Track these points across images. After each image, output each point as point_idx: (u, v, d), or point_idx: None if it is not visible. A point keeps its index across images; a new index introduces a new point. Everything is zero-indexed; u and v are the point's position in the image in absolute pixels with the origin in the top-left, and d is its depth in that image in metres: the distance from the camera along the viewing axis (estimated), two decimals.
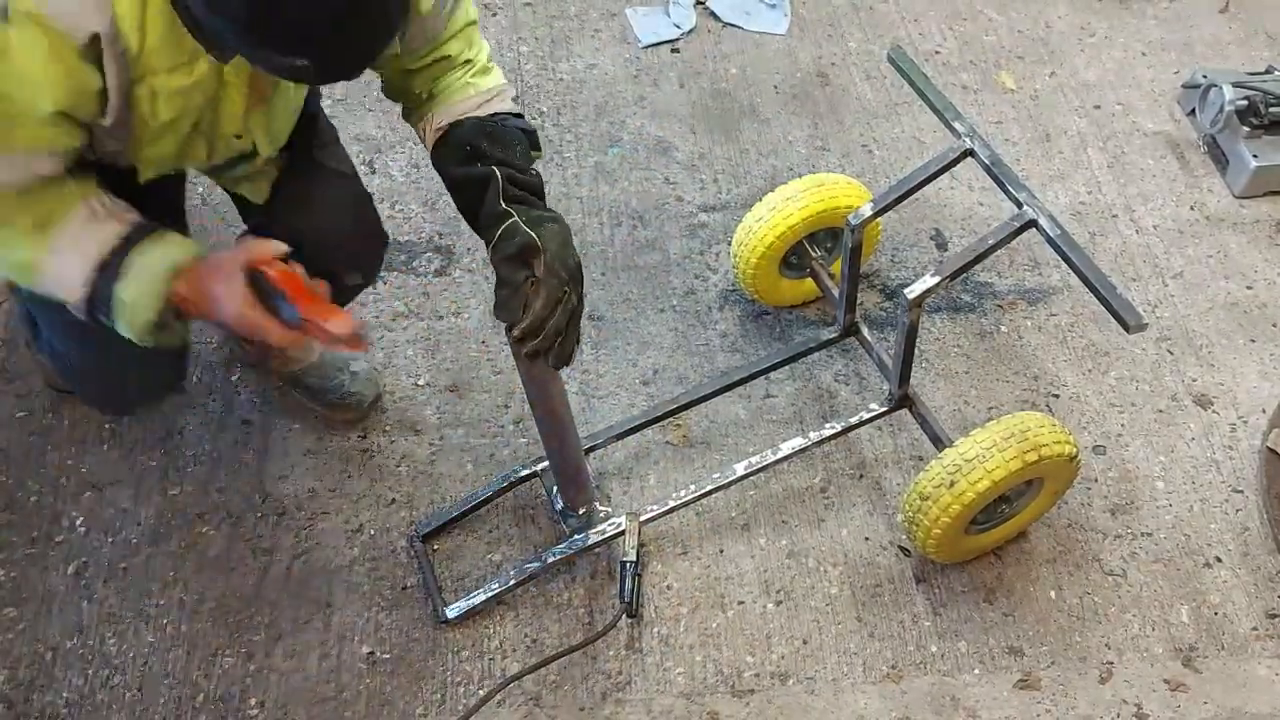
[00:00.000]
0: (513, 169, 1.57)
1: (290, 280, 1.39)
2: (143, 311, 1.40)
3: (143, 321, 1.41)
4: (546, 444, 1.81)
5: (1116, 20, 2.97)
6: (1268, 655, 1.91)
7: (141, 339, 1.43)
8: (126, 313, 1.40)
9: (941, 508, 1.78)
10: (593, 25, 2.90)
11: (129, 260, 1.40)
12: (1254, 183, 2.54)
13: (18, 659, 1.86)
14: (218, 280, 1.40)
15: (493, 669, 1.87)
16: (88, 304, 1.41)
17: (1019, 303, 2.38)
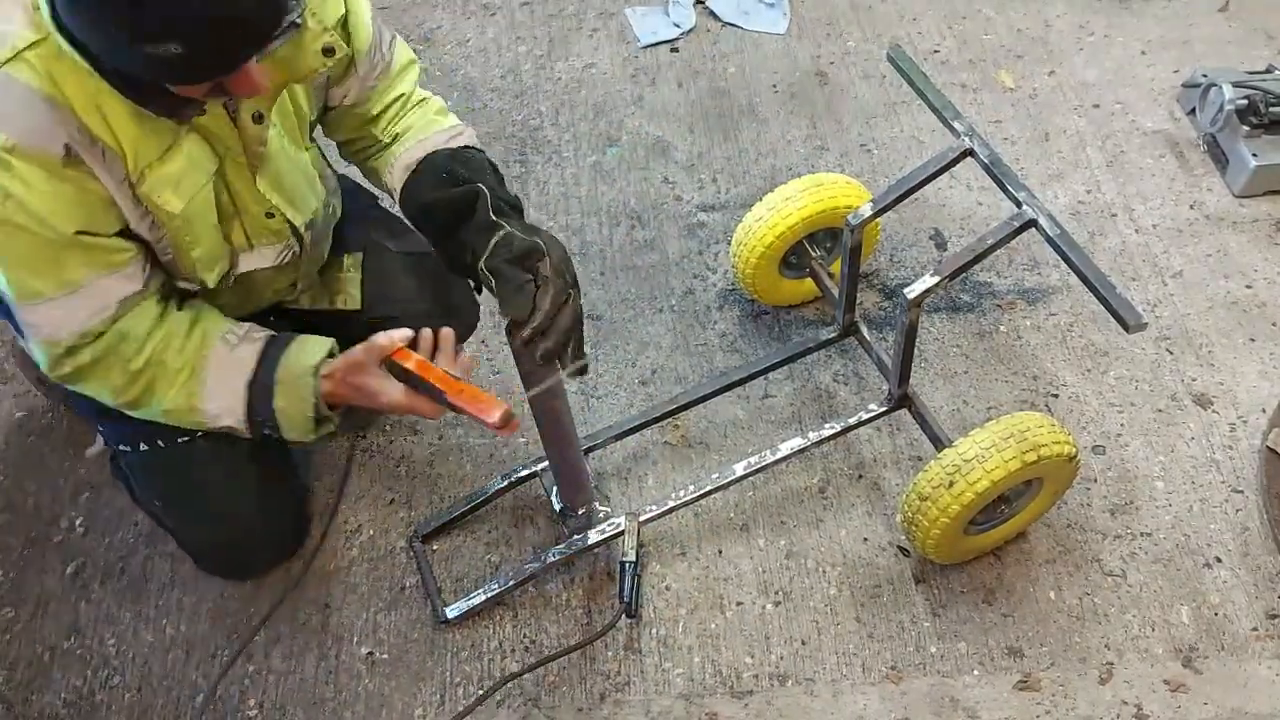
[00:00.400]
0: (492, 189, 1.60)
1: (427, 369, 1.48)
2: (299, 415, 1.52)
3: (302, 423, 1.53)
4: (546, 444, 1.81)
5: (1116, 19, 2.97)
6: (1268, 655, 1.91)
7: (304, 437, 1.55)
8: (285, 420, 1.53)
9: (941, 508, 1.78)
10: (591, 25, 2.90)
11: (275, 375, 1.50)
12: (1254, 182, 2.53)
13: (16, 660, 1.86)
14: (363, 376, 1.49)
15: (492, 669, 1.86)
16: (249, 424, 1.52)
17: (1018, 302, 2.37)
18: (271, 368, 1.51)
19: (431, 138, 1.67)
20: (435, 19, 2.87)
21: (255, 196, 1.50)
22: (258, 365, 1.51)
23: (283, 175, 1.53)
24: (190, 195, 1.41)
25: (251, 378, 1.51)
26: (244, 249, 1.56)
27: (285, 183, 1.54)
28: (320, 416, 1.53)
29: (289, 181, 1.55)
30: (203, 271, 1.51)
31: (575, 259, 2.41)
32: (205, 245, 1.49)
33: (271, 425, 1.53)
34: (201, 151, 1.41)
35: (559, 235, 2.43)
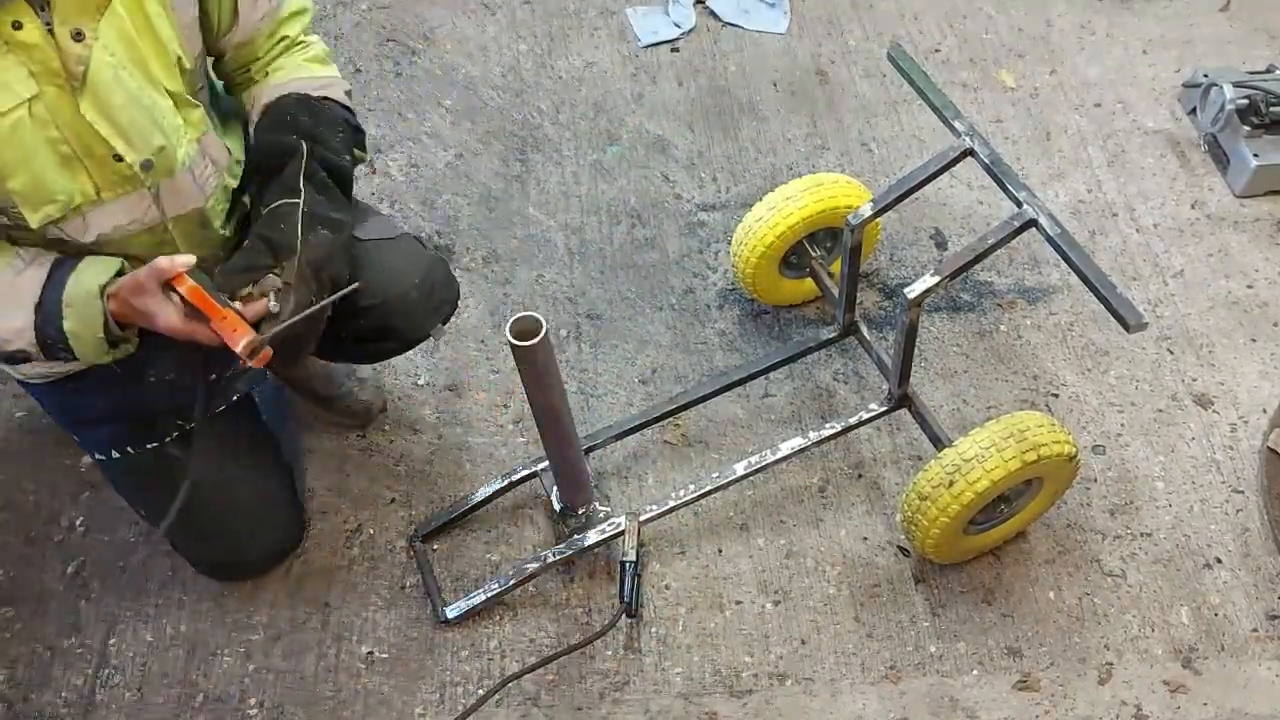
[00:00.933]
0: (326, 149, 1.59)
1: (197, 295, 1.46)
2: (91, 337, 1.47)
3: (94, 344, 1.48)
4: (546, 444, 1.80)
5: (1117, 18, 2.97)
6: (1268, 656, 1.91)
7: (100, 358, 1.50)
8: (78, 343, 1.47)
9: (940, 508, 1.78)
10: (591, 23, 2.90)
11: (64, 295, 1.45)
12: (1254, 182, 2.53)
13: (16, 658, 1.86)
14: (144, 297, 1.45)
15: (491, 669, 1.86)
16: (41, 347, 1.48)
17: (1018, 302, 2.37)
18: (59, 290, 1.46)
19: (294, 81, 1.65)
20: (436, 17, 2.86)
21: (86, 128, 1.41)
22: (44, 288, 1.46)
23: (116, 107, 1.42)
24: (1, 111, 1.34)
25: (38, 300, 1.45)
26: (91, 200, 1.48)
27: (118, 114, 1.43)
28: (114, 338, 1.49)
29: (126, 115, 1.43)
30: (24, 207, 1.43)
31: (575, 257, 2.41)
32: (24, 178, 1.40)
33: (64, 348, 1.48)
34: (15, 74, 1.33)
35: (559, 235, 2.44)
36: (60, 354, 1.49)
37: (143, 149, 1.47)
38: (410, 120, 2.64)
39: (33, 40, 1.33)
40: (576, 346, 2.28)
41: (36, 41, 1.33)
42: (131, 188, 1.50)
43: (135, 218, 1.53)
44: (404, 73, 2.72)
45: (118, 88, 1.42)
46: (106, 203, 1.49)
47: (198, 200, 1.59)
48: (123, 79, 1.42)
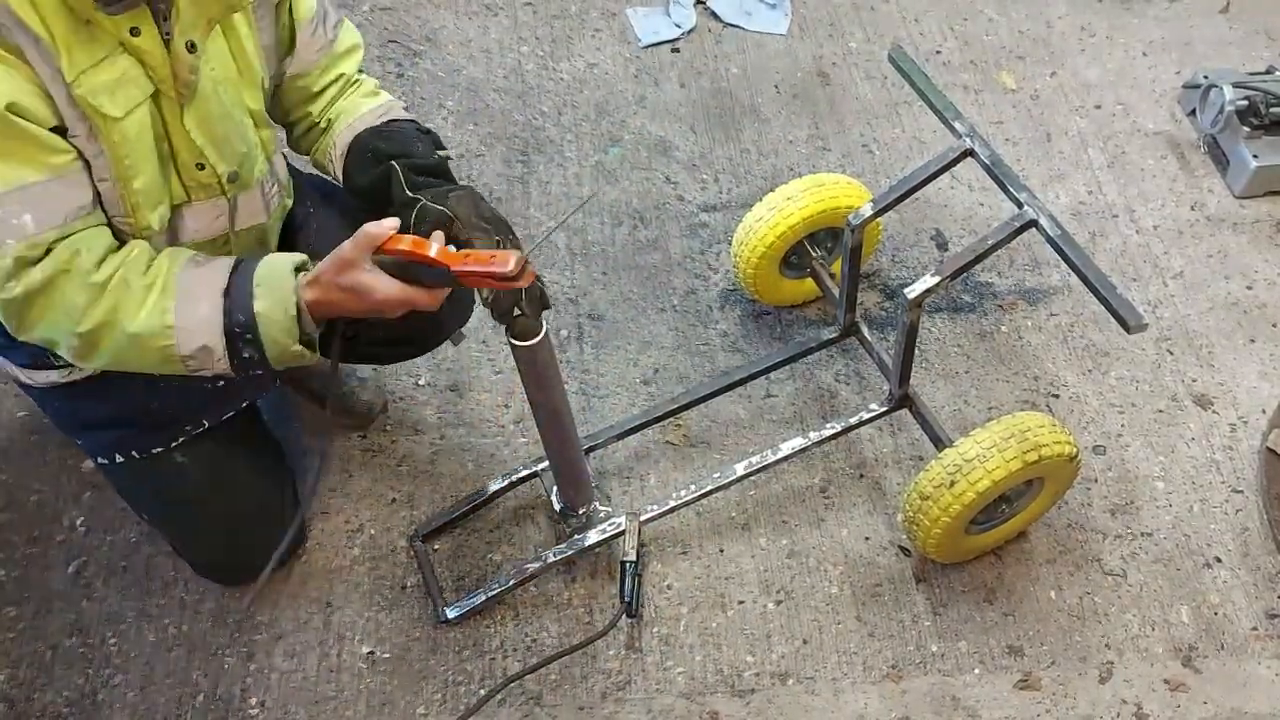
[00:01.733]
0: (412, 159, 1.59)
1: (423, 246, 1.40)
2: (282, 317, 1.41)
3: (285, 326, 1.41)
4: (546, 444, 1.81)
5: (1117, 20, 2.97)
6: (1268, 655, 1.91)
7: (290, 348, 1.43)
8: (268, 326, 1.41)
9: (942, 508, 1.78)
10: (593, 25, 2.90)
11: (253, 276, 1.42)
12: (1254, 183, 2.54)
13: (19, 658, 1.87)
14: (354, 273, 1.40)
15: (493, 669, 1.87)
16: (228, 339, 1.41)
17: (1019, 303, 2.38)
18: (248, 272, 1.42)
19: (357, 120, 1.67)
20: (438, 19, 2.87)
21: (182, 134, 1.44)
22: (232, 273, 1.42)
23: (213, 119, 1.46)
24: (128, 107, 1.36)
25: (226, 285, 1.41)
26: (181, 200, 1.50)
27: (215, 127, 1.47)
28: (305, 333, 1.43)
29: (219, 128, 1.48)
30: (145, 210, 1.44)
31: (577, 258, 2.42)
32: (146, 176, 1.41)
33: (252, 338, 1.41)
34: (137, 71, 1.36)
35: (560, 235, 2.44)
36: (245, 350, 1.42)
37: (230, 161, 1.52)
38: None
39: (149, 47, 1.36)
40: (578, 347, 2.28)
41: (151, 49, 1.36)
42: (207, 195, 1.53)
43: (207, 225, 1.56)
44: (406, 74, 2.73)
45: (215, 101, 1.47)
46: (192, 203, 1.52)
47: (262, 216, 1.63)
48: (220, 93, 1.47)
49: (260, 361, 1.44)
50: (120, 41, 1.34)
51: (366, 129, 1.66)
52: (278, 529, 1.89)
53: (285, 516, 1.91)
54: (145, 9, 1.34)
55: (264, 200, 1.63)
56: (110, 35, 1.33)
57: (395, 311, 1.44)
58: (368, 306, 1.42)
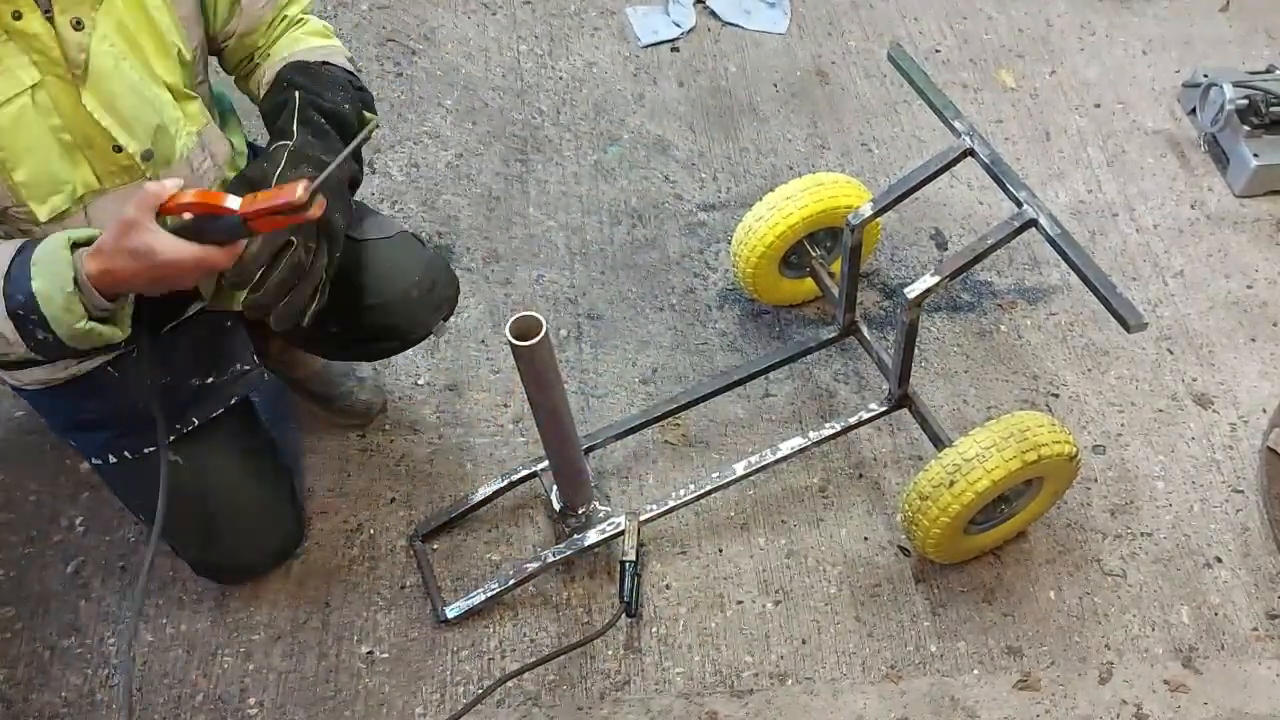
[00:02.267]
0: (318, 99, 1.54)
1: (210, 196, 1.31)
2: (59, 293, 1.32)
3: (63, 302, 1.32)
4: (545, 443, 1.81)
5: (1117, 18, 2.97)
6: (1268, 655, 1.91)
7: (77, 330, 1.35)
8: (48, 304, 1.32)
9: (941, 507, 1.78)
10: (592, 24, 2.90)
11: (33, 256, 1.34)
12: (1254, 181, 2.53)
13: (16, 658, 1.86)
14: (140, 235, 1.30)
15: (492, 668, 1.86)
16: (14, 321, 1.35)
17: (1019, 302, 2.37)
18: (28, 251, 1.34)
19: (295, 53, 1.63)
20: (437, 17, 2.87)
21: (87, 118, 1.40)
22: (14, 256, 1.34)
23: (116, 96, 1.41)
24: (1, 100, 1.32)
25: (8, 267, 1.33)
26: (94, 189, 1.46)
27: (119, 104, 1.42)
28: (94, 308, 1.34)
29: (125, 104, 1.42)
30: (31, 200, 1.39)
31: (576, 257, 2.41)
32: (30, 168, 1.38)
33: (37, 319, 1.32)
34: (18, 60, 1.32)
35: (560, 235, 2.44)
36: (36, 330, 1.35)
37: (143, 139, 1.47)
38: (410, 120, 2.64)
39: (33, 29, 1.32)
40: (577, 346, 2.28)
41: (37, 31, 1.33)
42: (130, 178, 1.48)
43: None
44: (404, 73, 2.72)
45: (118, 78, 1.42)
46: (109, 192, 1.47)
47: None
48: (123, 69, 1.42)
49: (56, 343, 1.35)
50: (4, 29, 1.30)
51: (294, 62, 1.62)
52: (274, 527, 1.89)
53: (281, 514, 1.91)
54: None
55: (195, 175, 1.56)
56: None
57: (189, 276, 1.34)
58: (158, 272, 1.31)
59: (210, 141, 1.60)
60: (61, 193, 1.43)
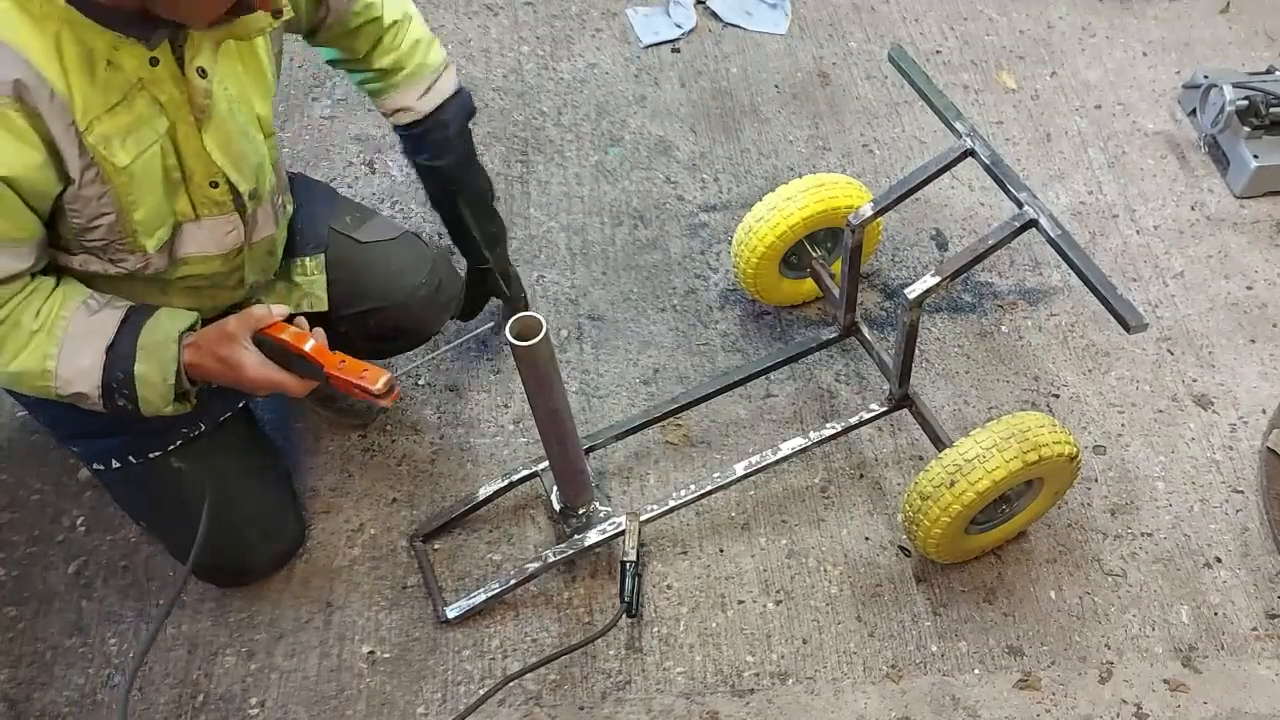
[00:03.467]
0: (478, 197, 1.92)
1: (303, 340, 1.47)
2: (159, 382, 1.45)
3: (162, 391, 1.46)
4: (546, 444, 1.81)
5: (1117, 20, 2.97)
6: (1268, 655, 1.91)
7: (161, 409, 1.48)
8: (144, 388, 1.45)
9: (942, 507, 1.78)
10: (593, 25, 2.90)
11: (138, 339, 1.45)
12: (1254, 183, 2.54)
13: (18, 658, 1.87)
14: (232, 347, 1.46)
15: (493, 668, 1.87)
16: (104, 390, 1.45)
17: (1019, 303, 2.38)
18: (134, 332, 1.45)
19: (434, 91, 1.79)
20: (438, 18, 2.87)
21: (201, 157, 1.46)
22: (119, 329, 1.45)
23: (230, 139, 1.49)
24: (138, 151, 1.39)
25: (112, 342, 1.44)
26: (188, 218, 1.51)
27: (233, 146, 1.50)
28: (181, 390, 1.48)
29: (236, 146, 1.50)
30: (143, 236, 1.46)
31: (577, 258, 2.42)
32: (148, 207, 1.44)
33: (128, 393, 1.45)
34: (151, 110, 1.39)
35: (561, 236, 2.45)
36: (119, 400, 1.46)
37: (250, 179, 1.54)
38: None
39: (166, 76, 1.38)
40: (578, 347, 2.28)
41: (170, 77, 1.38)
42: (220, 211, 1.54)
43: (218, 241, 1.56)
44: None
45: (231, 121, 1.48)
46: (202, 220, 1.53)
47: (271, 228, 1.65)
48: (235, 113, 1.49)
49: (132, 412, 1.48)
50: (139, 78, 1.36)
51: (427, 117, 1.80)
52: (276, 530, 1.90)
53: (283, 517, 1.91)
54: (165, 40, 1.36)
55: (274, 211, 1.64)
56: (126, 75, 1.35)
57: (262, 391, 1.50)
58: (236, 380, 1.47)
59: (280, 174, 1.67)
60: (166, 225, 1.49)
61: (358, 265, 1.80)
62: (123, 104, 1.35)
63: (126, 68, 1.34)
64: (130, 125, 1.37)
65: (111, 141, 1.35)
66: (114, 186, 1.39)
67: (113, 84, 1.34)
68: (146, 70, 1.36)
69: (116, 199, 1.41)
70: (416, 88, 1.79)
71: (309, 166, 2.51)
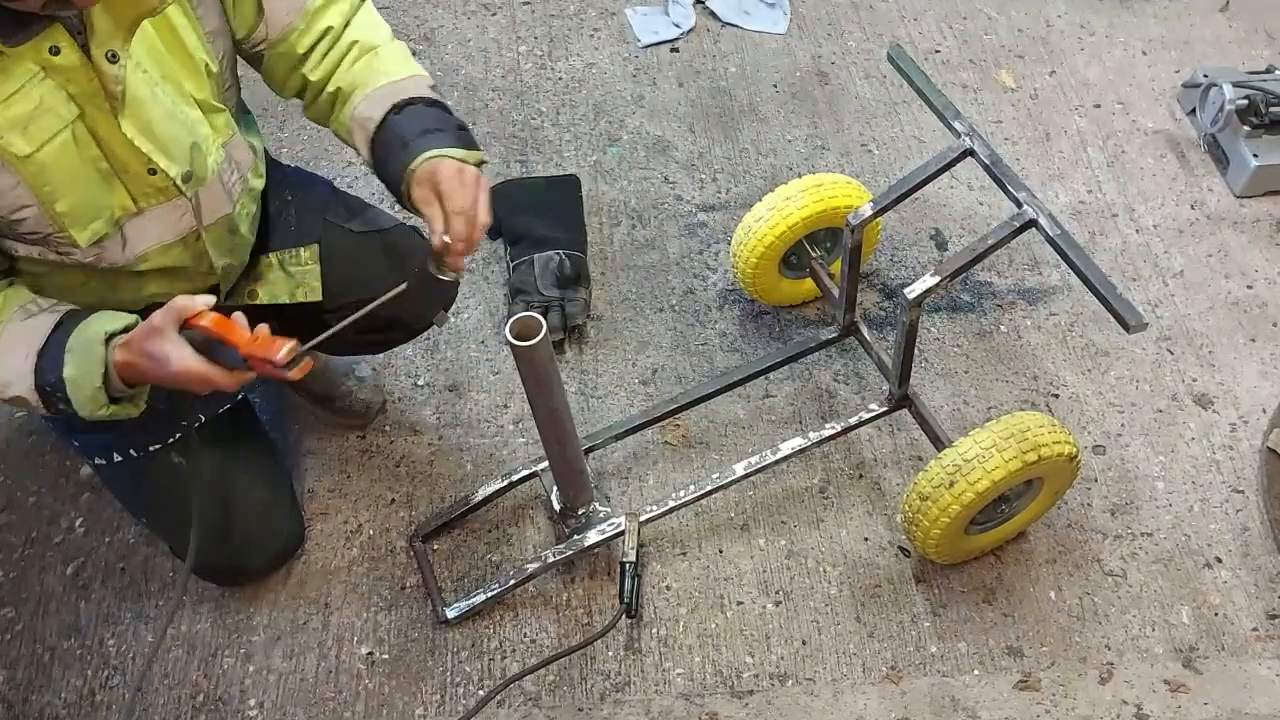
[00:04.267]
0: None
1: (224, 325, 1.41)
2: (89, 385, 1.42)
3: (90, 393, 1.43)
4: (546, 444, 1.81)
5: (1116, 19, 2.97)
6: (1268, 655, 1.91)
7: (98, 412, 1.45)
8: (76, 391, 1.42)
9: (941, 508, 1.78)
10: (591, 24, 2.90)
11: (69, 342, 1.42)
12: (1254, 182, 2.53)
13: (16, 659, 1.86)
14: (159, 341, 1.40)
15: (492, 669, 1.86)
16: (40, 394, 1.43)
17: (1019, 302, 2.37)
18: (64, 337, 1.43)
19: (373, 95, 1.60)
20: (436, 18, 2.87)
21: (125, 145, 1.42)
22: (51, 334, 1.43)
23: (154, 122, 1.44)
24: (41, 140, 1.35)
25: (43, 345, 1.42)
26: (130, 212, 1.49)
27: (157, 130, 1.44)
28: (115, 393, 1.44)
29: (162, 129, 1.45)
30: (72, 228, 1.43)
31: None
32: (71, 199, 1.41)
33: (62, 396, 1.43)
34: (56, 98, 1.34)
35: None
36: (59, 404, 1.44)
37: (181, 161, 1.49)
38: None
39: (70, 63, 1.34)
40: (577, 347, 2.28)
41: (75, 64, 1.35)
42: (165, 197, 1.51)
43: (171, 227, 1.54)
44: None
45: (154, 104, 1.44)
46: (145, 213, 1.50)
47: (226, 207, 1.61)
48: (158, 95, 1.45)
49: (74, 415, 1.45)
50: (42, 66, 1.32)
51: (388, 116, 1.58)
52: (275, 529, 1.89)
53: (282, 516, 1.91)
54: (59, 26, 1.31)
55: (225, 190, 1.59)
56: (25, 63, 1.31)
57: (193, 385, 1.42)
58: (166, 375, 1.41)
59: (235, 152, 1.62)
60: (100, 218, 1.46)
61: (352, 255, 1.79)
62: (19, 93, 1.31)
63: (24, 53, 1.30)
64: (31, 114, 1.33)
65: (9, 132, 1.32)
66: (24, 177, 1.36)
67: (7, 71, 1.30)
68: (47, 58, 1.32)
69: (31, 190, 1.38)
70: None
71: (308, 166, 2.50)
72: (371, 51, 1.65)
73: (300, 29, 1.61)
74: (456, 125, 1.58)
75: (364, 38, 1.66)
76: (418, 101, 1.59)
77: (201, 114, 1.53)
